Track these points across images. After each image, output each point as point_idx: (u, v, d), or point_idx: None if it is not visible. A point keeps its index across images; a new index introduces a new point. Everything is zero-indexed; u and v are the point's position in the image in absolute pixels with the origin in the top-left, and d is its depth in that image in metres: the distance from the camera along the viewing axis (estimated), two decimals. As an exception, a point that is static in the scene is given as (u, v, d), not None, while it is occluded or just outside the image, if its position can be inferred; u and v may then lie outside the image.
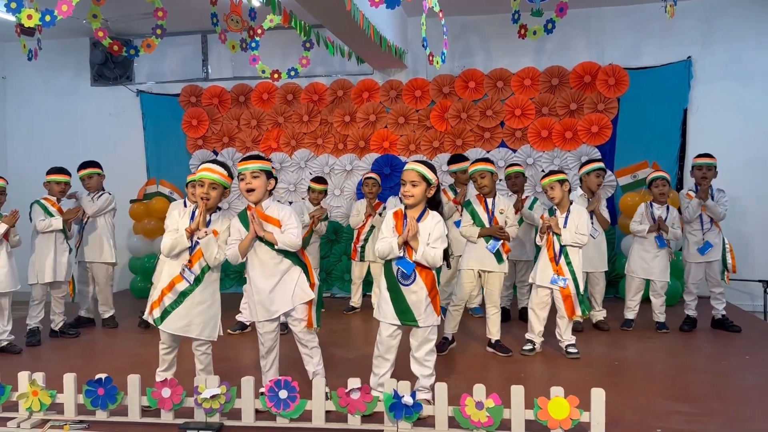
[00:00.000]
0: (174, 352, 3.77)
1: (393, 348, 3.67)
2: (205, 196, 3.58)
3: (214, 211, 3.71)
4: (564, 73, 7.29)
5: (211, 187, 3.60)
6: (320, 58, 7.63)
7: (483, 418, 3.19)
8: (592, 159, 5.92)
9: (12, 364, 4.63)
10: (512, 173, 5.98)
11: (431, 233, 3.58)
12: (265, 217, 3.66)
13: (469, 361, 4.76)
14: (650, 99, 7.13)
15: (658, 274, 5.56)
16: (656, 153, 7.07)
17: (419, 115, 7.59)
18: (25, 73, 8.43)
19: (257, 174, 3.64)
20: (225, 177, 3.64)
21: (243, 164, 3.67)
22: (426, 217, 3.63)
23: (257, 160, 3.70)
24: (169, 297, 3.62)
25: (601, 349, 5.07)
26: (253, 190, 3.63)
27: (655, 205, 5.61)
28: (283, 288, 3.68)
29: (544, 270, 4.78)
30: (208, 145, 8.06)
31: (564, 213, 4.82)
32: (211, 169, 3.61)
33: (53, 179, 5.55)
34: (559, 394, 3.16)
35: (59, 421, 3.48)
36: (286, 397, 3.34)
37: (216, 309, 3.71)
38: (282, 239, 3.61)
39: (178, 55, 8.20)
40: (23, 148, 8.43)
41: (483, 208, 4.92)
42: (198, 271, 3.62)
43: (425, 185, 3.60)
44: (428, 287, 3.60)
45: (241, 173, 3.67)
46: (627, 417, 3.54)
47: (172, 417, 3.44)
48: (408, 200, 3.61)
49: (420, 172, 3.58)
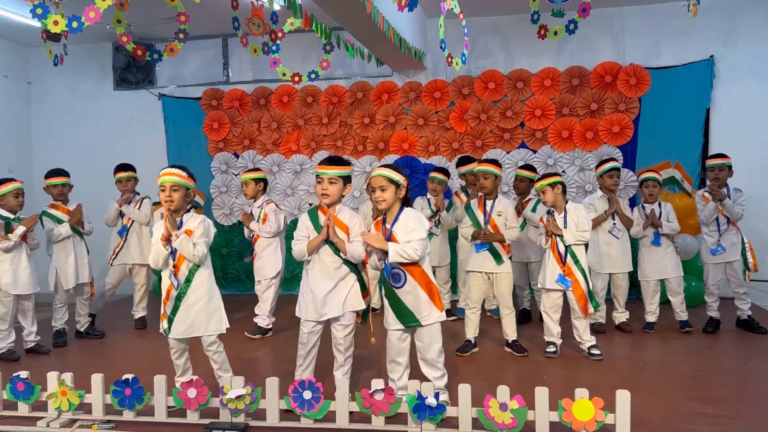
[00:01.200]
0: (184, 355, 3.82)
1: (403, 351, 3.68)
2: (168, 199, 3.63)
3: (186, 212, 3.76)
4: (584, 74, 7.25)
5: (172, 189, 3.64)
6: (339, 60, 7.66)
7: (507, 419, 3.19)
8: (604, 160, 5.88)
9: (40, 365, 4.72)
10: (518, 176, 6.00)
11: (406, 228, 3.58)
12: (336, 222, 3.71)
13: (490, 362, 4.76)
14: (672, 99, 7.07)
15: (672, 270, 5.52)
16: (678, 153, 7.02)
17: (439, 116, 7.59)
18: (50, 78, 8.55)
19: (335, 180, 3.71)
20: (184, 178, 3.69)
21: (323, 168, 3.72)
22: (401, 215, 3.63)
23: (337, 165, 3.74)
24: (169, 305, 3.70)
25: (623, 351, 5.04)
26: (328, 195, 3.71)
27: (647, 205, 5.60)
28: (337, 293, 3.74)
29: (553, 272, 4.77)
30: (229, 147, 8.12)
31: (561, 213, 4.81)
32: (171, 173, 3.66)
33: (50, 183, 5.54)
34: (584, 396, 3.15)
35: (87, 420, 3.53)
36: (310, 398, 3.36)
37: (215, 303, 3.77)
38: (350, 250, 3.68)
39: (199, 58, 8.27)
40: (48, 153, 8.53)
41: (481, 209, 4.92)
42: (186, 273, 3.68)
43: (394, 187, 3.60)
44: (422, 284, 3.58)
45: (319, 176, 3.72)
46: (652, 419, 3.52)
47: (198, 417, 3.48)
48: (381, 205, 3.62)
49: (386, 176, 3.59)
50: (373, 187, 3.62)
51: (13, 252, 5.02)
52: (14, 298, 5.05)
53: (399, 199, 3.63)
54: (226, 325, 3.79)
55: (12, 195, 5.10)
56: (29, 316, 5.20)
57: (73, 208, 5.56)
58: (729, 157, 5.50)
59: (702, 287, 6.29)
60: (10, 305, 5.04)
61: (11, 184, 5.13)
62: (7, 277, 5.00)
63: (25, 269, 5.09)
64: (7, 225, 5.03)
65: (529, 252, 5.91)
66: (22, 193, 5.19)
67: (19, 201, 5.15)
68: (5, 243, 4.96)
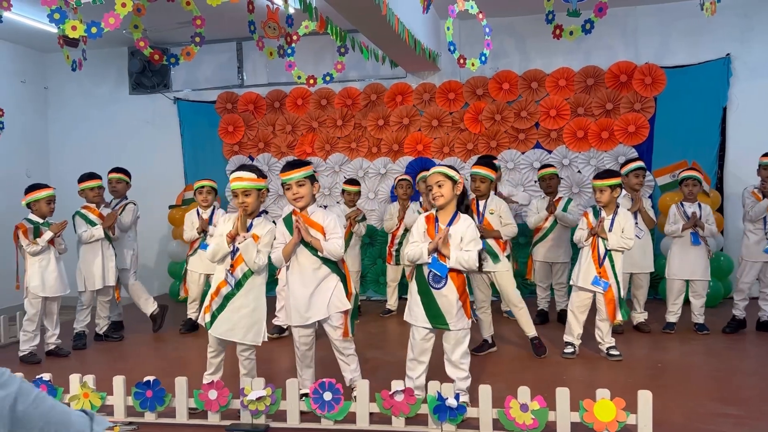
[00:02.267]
0: (221, 356, 3.81)
1: (426, 351, 3.67)
2: (243, 204, 3.63)
3: (258, 215, 3.75)
4: (599, 73, 7.23)
5: (244, 194, 3.63)
6: (353, 62, 7.67)
7: (528, 420, 3.18)
8: (630, 159, 5.86)
9: (60, 367, 4.77)
10: (546, 175, 5.94)
11: (463, 237, 3.57)
12: (310, 222, 3.71)
13: (509, 363, 4.75)
14: (688, 97, 7.03)
15: (701, 273, 5.46)
16: (695, 152, 6.97)
17: (453, 117, 7.58)
18: (66, 83, 8.62)
19: (302, 182, 3.70)
20: (255, 180, 3.67)
21: (286, 174, 3.71)
22: (457, 221, 3.62)
23: (299, 168, 3.74)
24: (216, 301, 3.67)
25: (642, 351, 5.02)
26: (302, 197, 3.71)
27: (686, 203, 5.53)
28: (319, 295, 3.72)
29: (587, 272, 4.72)
30: (244, 150, 8.16)
31: (610, 215, 4.76)
32: (240, 178, 3.64)
33: (86, 186, 5.66)
34: (606, 396, 3.14)
35: (110, 422, 3.55)
36: (330, 399, 3.37)
37: (260, 314, 3.72)
38: (327, 247, 3.66)
39: (214, 62, 8.32)
40: (65, 157, 8.61)
41: (474, 210, 4.89)
42: (240, 276, 3.65)
43: (451, 183, 3.60)
44: (459, 291, 3.59)
45: (286, 183, 3.71)
46: (674, 419, 3.50)
47: (219, 418, 3.50)
48: (438, 201, 3.60)
49: (443, 173, 3.60)
50: (430, 185, 3.62)
51: (41, 255, 5.08)
52: (42, 300, 5.10)
53: (455, 196, 3.63)
54: (265, 338, 3.74)
55: (45, 201, 5.16)
56: (54, 319, 5.24)
57: (106, 212, 5.67)
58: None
59: (719, 287, 6.25)
60: (39, 307, 5.09)
61: (45, 191, 5.19)
62: (36, 279, 5.05)
63: (53, 272, 5.14)
64: (36, 229, 5.09)
65: (557, 252, 5.89)
66: (54, 200, 5.24)
67: (50, 207, 5.22)
68: (33, 247, 5.03)
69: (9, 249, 5.30)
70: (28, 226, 5.10)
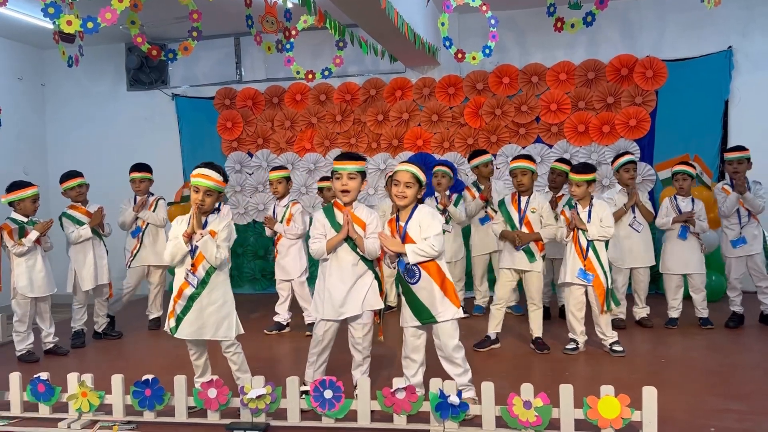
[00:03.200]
0: (203, 357, 3.78)
1: (419, 348, 3.63)
2: (199, 202, 3.55)
3: (212, 212, 3.69)
4: (600, 67, 7.18)
5: (206, 194, 3.55)
6: (352, 57, 7.63)
7: (531, 417, 3.14)
8: (619, 154, 5.81)
9: (59, 366, 4.74)
10: (557, 170, 5.89)
11: (421, 225, 3.53)
12: (354, 218, 3.69)
13: (512, 360, 4.71)
14: (690, 91, 6.99)
15: (695, 267, 5.43)
16: (697, 146, 6.93)
17: (453, 112, 7.54)
18: (63, 80, 8.57)
19: (354, 176, 3.66)
20: (221, 183, 3.60)
21: (340, 163, 3.67)
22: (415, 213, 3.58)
23: (356, 161, 3.69)
24: (180, 304, 3.62)
25: (645, 347, 4.98)
26: (349, 191, 3.66)
27: (680, 197, 5.50)
28: (356, 292, 3.71)
29: (574, 267, 4.71)
30: (243, 146, 8.11)
31: (586, 207, 4.75)
32: (207, 176, 3.55)
33: (67, 186, 5.53)
34: (610, 393, 3.10)
35: (108, 421, 3.52)
36: (331, 397, 3.33)
37: (228, 308, 3.67)
38: (367, 246, 3.64)
39: (212, 58, 8.27)
40: (63, 155, 8.56)
41: (515, 207, 4.87)
42: (202, 274, 3.60)
43: (418, 186, 3.57)
44: (437, 280, 3.53)
45: (337, 172, 3.67)
46: (678, 416, 3.46)
47: (219, 417, 3.46)
48: (401, 201, 3.57)
49: (414, 174, 3.55)
50: (398, 180, 3.56)
51: (27, 255, 5.02)
52: (31, 300, 5.05)
53: (416, 199, 3.60)
54: (239, 331, 3.70)
55: (30, 200, 5.10)
56: (47, 318, 5.20)
57: (92, 209, 5.57)
58: (748, 150, 5.42)
59: (722, 281, 6.21)
60: (27, 307, 5.04)
61: (30, 189, 5.12)
62: (23, 280, 5.00)
63: (40, 272, 5.08)
64: (21, 229, 5.03)
65: (559, 248, 5.83)
66: (38, 198, 5.18)
67: (35, 206, 5.16)
68: (19, 248, 4.96)
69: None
70: (12, 226, 5.01)
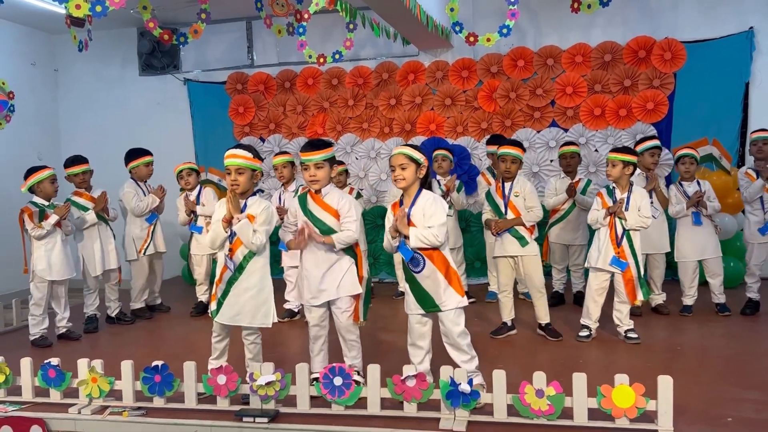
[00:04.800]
0: (225, 341, 3.74)
1: (424, 335, 3.59)
2: (233, 182, 3.52)
3: (252, 194, 3.64)
4: (617, 49, 7.03)
5: (237, 172, 3.51)
6: (365, 40, 7.54)
7: (544, 406, 3.09)
8: (646, 137, 5.71)
9: (72, 350, 4.77)
10: (567, 152, 5.79)
11: (425, 212, 3.47)
12: (323, 205, 3.64)
13: (524, 347, 4.66)
14: (709, 73, 6.82)
15: (711, 251, 5.32)
16: (716, 129, 6.78)
17: (466, 95, 7.44)
18: (76, 65, 8.56)
19: (321, 165, 3.61)
20: (251, 159, 3.55)
21: (306, 154, 3.61)
22: (419, 199, 3.52)
23: (320, 149, 3.63)
24: (220, 288, 3.60)
25: (661, 334, 4.91)
26: (317, 180, 3.62)
27: (685, 183, 5.38)
28: (331, 276, 3.67)
29: (606, 252, 4.59)
30: (255, 131, 8.07)
31: (624, 193, 4.64)
32: (235, 155, 3.52)
33: (71, 172, 5.51)
34: (624, 382, 3.04)
35: (118, 407, 3.52)
36: (341, 384, 3.30)
37: (266, 295, 3.61)
38: (339, 239, 3.60)
39: (224, 42, 8.21)
40: (76, 140, 8.56)
41: (500, 194, 4.81)
42: (240, 258, 3.56)
43: (415, 166, 3.49)
44: (442, 269, 3.48)
45: (303, 163, 3.62)
46: (694, 405, 3.40)
47: (228, 404, 3.44)
48: (399, 184, 3.51)
49: (407, 154, 3.48)
50: (393, 165, 3.51)
51: (47, 239, 5.04)
52: (49, 283, 5.08)
53: (419, 179, 3.53)
54: (274, 319, 3.63)
55: (48, 181, 5.13)
56: (62, 302, 5.22)
57: (96, 194, 5.57)
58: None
59: (740, 267, 6.11)
60: (45, 291, 5.07)
61: (46, 170, 5.15)
62: (42, 263, 5.02)
63: (59, 255, 5.09)
64: (41, 212, 5.05)
65: (575, 234, 5.79)
66: (56, 179, 5.18)
67: (54, 186, 5.19)
68: (38, 231, 4.98)
69: (15, 233, 5.23)
70: (33, 209, 5.04)
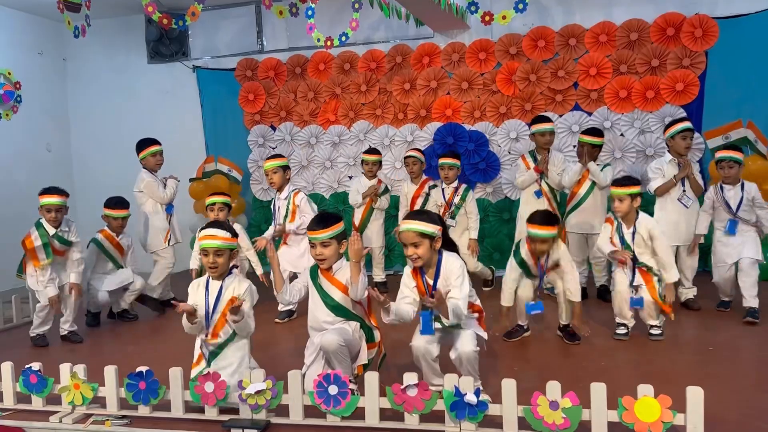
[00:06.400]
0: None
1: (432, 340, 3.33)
2: (212, 265, 3.27)
3: (229, 273, 3.37)
4: (644, 27, 6.61)
5: (216, 254, 3.27)
6: (377, 23, 7.24)
7: (558, 419, 2.78)
8: (676, 119, 5.33)
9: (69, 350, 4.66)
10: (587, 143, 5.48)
11: (448, 279, 3.22)
12: (334, 281, 3.38)
13: (540, 350, 4.32)
14: (743, 51, 6.38)
15: (753, 252, 4.76)
16: (751, 110, 6.32)
17: (484, 79, 7.08)
18: (85, 54, 8.39)
19: (327, 243, 3.33)
20: (229, 240, 3.31)
21: (312, 233, 3.33)
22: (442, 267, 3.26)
23: (327, 227, 3.32)
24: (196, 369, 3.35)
25: (691, 332, 4.56)
26: (324, 259, 3.35)
27: (726, 186, 4.88)
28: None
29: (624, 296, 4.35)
30: (266, 120, 7.82)
31: (630, 228, 4.30)
32: (213, 236, 3.28)
33: (111, 215, 5.35)
34: (648, 393, 2.72)
35: (102, 416, 3.29)
36: (336, 393, 3.03)
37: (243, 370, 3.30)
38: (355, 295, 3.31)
39: (233, 27, 7.96)
40: (86, 129, 8.45)
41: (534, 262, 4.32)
42: (223, 339, 3.32)
43: (429, 241, 3.19)
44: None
45: (311, 241, 3.35)
46: (728, 415, 3.06)
47: (217, 413, 3.20)
48: (416, 262, 3.24)
49: (417, 231, 3.17)
50: (403, 242, 3.24)
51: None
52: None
53: (435, 251, 3.25)
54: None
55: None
56: (69, 304, 4.94)
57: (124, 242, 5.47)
58: None
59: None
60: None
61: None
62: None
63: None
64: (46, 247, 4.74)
65: (593, 222, 5.45)
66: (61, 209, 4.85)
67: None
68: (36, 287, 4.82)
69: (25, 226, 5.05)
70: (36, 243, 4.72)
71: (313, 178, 7.66)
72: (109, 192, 5.68)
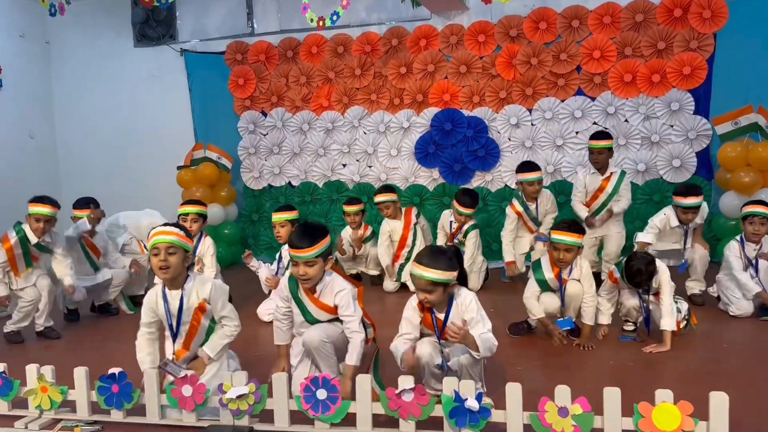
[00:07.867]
0: None
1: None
2: (162, 263, 2.96)
3: (184, 281, 3.08)
4: (650, 7, 6.35)
5: (168, 252, 2.97)
6: (372, 3, 6.95)
7: (568, 427, 2.54)
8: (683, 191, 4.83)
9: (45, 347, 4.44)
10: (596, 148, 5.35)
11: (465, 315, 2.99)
12: (319, 304, 3.13)
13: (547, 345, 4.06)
14: (754, 32, 6.14)
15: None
16: (762, 95, 6.05)
17: (483, 62, 6.80)
18: (68, 36, 8.09)
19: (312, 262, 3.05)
20: (183, 238, 3.03)
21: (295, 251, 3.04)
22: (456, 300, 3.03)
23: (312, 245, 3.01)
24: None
25: (702, 327, 4.29)
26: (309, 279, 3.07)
27: (749, 243, 4.55)
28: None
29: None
30: (256, 105, 7.54)
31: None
32: (166, 232, 2.99)
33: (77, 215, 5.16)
34: (668, 399, 2.47)
35: (71, 421, 3.04)
36: (325, 398, 2.78)
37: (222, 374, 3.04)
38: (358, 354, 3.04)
39: (222, 9, 7.66)
40: (71, 115, 8.16)
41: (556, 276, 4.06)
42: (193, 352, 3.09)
43: (442, 288, 2.95)
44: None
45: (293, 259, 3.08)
46: (749, 421, 2.82)
47: (196, 419, 2.95)
48: (428, 305, 3.01)
49: (430, 280, 2.90)
50: (416, 287, 3.00)
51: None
52: None
53: (449, 294, 3.01)
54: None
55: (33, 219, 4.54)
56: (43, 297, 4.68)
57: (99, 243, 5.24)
58: None
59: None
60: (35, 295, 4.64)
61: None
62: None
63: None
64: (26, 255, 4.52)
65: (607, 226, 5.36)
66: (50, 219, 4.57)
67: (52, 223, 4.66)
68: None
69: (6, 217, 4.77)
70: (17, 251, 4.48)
71: (305, 166, 7.40)
72: (95, 180, 5.46)
